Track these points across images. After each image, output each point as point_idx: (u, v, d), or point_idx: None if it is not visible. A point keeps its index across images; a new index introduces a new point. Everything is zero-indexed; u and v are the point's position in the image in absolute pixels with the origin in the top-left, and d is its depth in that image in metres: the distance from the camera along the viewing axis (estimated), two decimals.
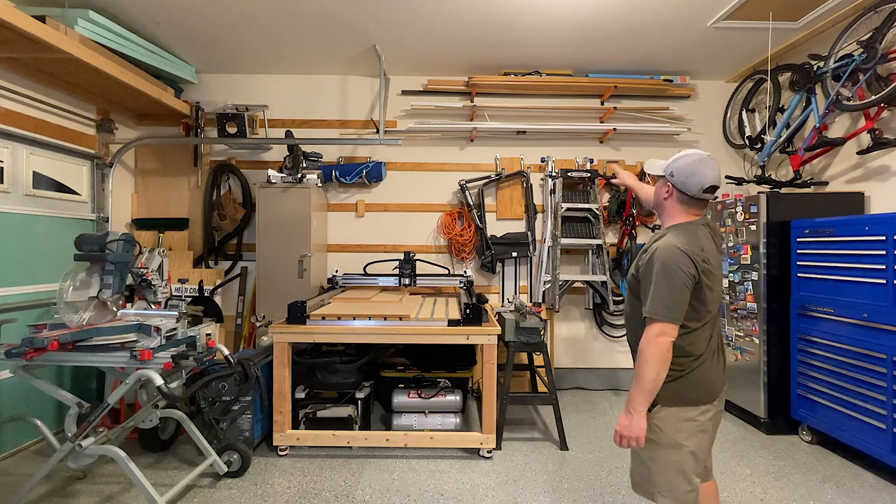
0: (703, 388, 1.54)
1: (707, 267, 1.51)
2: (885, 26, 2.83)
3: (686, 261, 1.47)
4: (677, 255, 1.47)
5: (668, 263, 1.47)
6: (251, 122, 4.07)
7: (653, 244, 1.58)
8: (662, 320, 1.45)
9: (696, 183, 1.54)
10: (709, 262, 1.52)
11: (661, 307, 1.46)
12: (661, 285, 1.47)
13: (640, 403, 1.48)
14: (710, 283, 1.52)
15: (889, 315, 2.51)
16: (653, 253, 1.53)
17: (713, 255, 1.56)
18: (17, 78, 2.96)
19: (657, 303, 1.46)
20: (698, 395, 1.54)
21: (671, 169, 1.59)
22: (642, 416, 1.48)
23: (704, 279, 1.50)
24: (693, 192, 1.56)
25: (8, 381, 2.82)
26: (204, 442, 2.54)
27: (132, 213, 4.08)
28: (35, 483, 2.16)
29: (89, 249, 2.32)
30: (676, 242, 1.51)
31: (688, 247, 1.49)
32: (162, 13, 3.13)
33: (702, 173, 1.54)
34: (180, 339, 2.26)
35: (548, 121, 4.17)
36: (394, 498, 2.42)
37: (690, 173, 1.55)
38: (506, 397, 3.01)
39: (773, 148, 3.67)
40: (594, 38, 3.47)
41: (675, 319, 1.45)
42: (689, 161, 1.56)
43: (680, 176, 1.57)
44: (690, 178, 1.55)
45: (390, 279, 3.97)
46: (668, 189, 1.62)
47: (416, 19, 3.21)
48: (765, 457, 2.88)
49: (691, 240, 1.52)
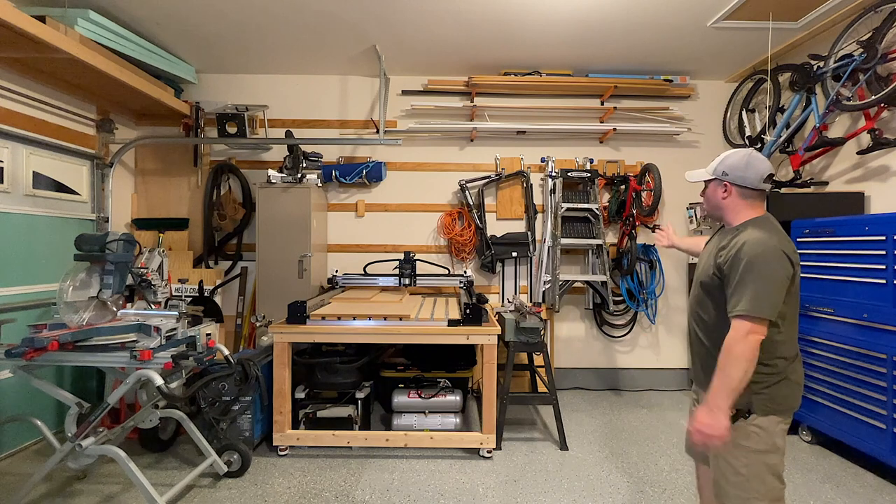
0: (798, 391, 1.51)
1: (797, 260, 1.47)
2: (885, 26, 2.83)
3: (780, 255, 1.43)
4: (771, 251, 1.42)
5: (761, 259, 1.42)
6: (251, 122, 4.07)
7: (732, 240, 1.51)
8: (755, 317, 1.39)
9: (754, 174, 1.53)
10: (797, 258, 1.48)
11: (753, 304, 1.39)
12: (755, 281, 1.40)
13: (724, 401, 1.41)
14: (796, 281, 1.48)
15: (889, 315, 2.51)
16: (740, 247, 1.45)
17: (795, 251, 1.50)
18: (17, 78, 2.96)
19: (750, 299, 1.40)
20: (794, 401, 1.50)
21: (722, 168, 1.58)
22: (726, 414, 1.41)
23: (797, 275, 1.47)
24: (754, 184, 1.53)
25: (8, 381, 2.82)
26: (204, 442, 2.53)
27: (132, 213, 4.08)
28: (35, 483, 2.16)
29: (89, 249, 2.32)
30: (765, 237, 1.45)
31: (779, 242, 1.45)
32: (162, 13, 3.13)
33: (756, 164, 1.53)
34: (180, 339, 2.26)
35: (548, 121, 4.17)
36: (394, 498, 2.42)
37: (746, 166, 1.54)
38: (506, 397, 3.02)
39: (773, 148, 3.67)
40: (594, 38, 3.47)
41: (768, 317, 1.39)
42: (739, 157, 1.56)
43: (736, 171, 1.55)
44: (748, 171, 1.53)
45: (390, 279, 3.97)
46: (726, 188, 1.59)
47: (416, 19, 3.21)
48: None
49: (779, 235, 1.48)
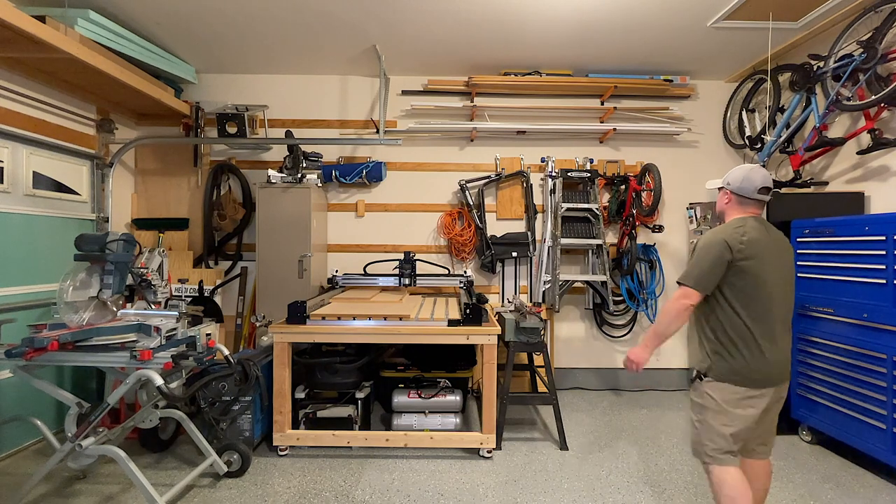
0: (745, 373, 1.78)
1: (744, 249, 1.78)
2: (885, 26, 2.83)
3: (719, 242, 1.81)
4: (713, 239, 1.83)
5: (703, 244, 1.86)
6: (251, 122, 4.07)
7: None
8: (683, 284, 1.85)
9: (749, 185, 1.88)
10: (750, 247, 1.78)
11: (685, 274, 1.86)
12: (693, 260, 1.87)
13: (650, 342, 1.94)
14: (758, 268, 1.78)
15: (889, 315, 2.51)
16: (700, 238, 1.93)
17: (758, 243, 1.80)
18: (17, 78, 2.96)
19: (685, 271, 1.88)
20: (741, 380, 1.79)
21: (727, 180, 1.96)
22: (648, 350, 1.94)
23: (745, 262, 1.78)
24: (748, 194, 1.89)
25: (8, 381, 2.82)
26: (204, 442, 2.53)
27: (132, 213, 4.08)
28: (35, 483, 2.16)
29: (89, 249, 2.32)
30: (718, 230, 1.87)
31: (724, 232, 1.83)
32: (162, 13, 3.13)
33: (753, 177, 1.88)
34: (180, 339, 2.26)
35: (548, 121, 4.17)
36: (394, 498, 2.42)
37: (743, 178, 1.89)
38: (506, 397, 3.02)
39: (773, 148, 3.67)
40: (594, 38, 3.47)
41: (693, 287, 1.82)
42: (740, 170, 1.92)
43: (735, 182, 1.91)
44: (745, 183, 1.89)
45: (390, 279, 3.97)
46: (727, 196, 1.96)
47: (416, 19, 3.21)
48: None
49: (732, 229, 1.84)
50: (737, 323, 1.79)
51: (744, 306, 1.78)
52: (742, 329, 1.78)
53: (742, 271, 1.78)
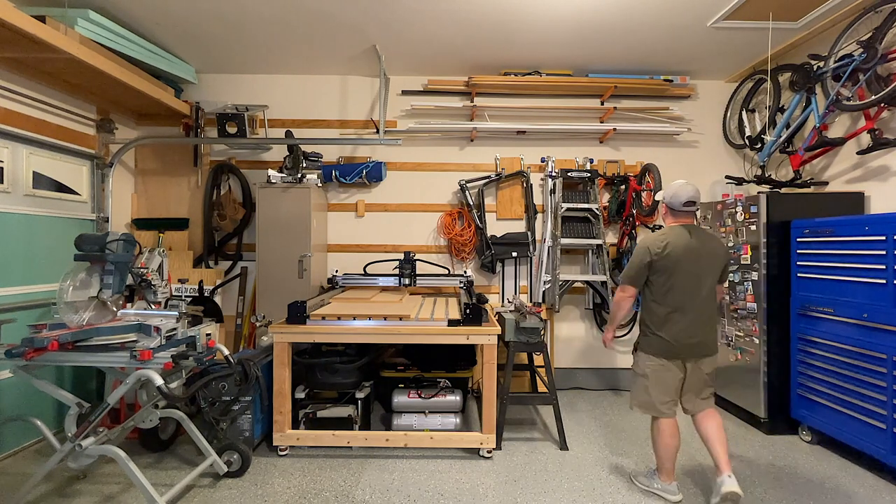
0: (659, 347, 2.34)
1: (660, 252, 2.29)
2: (885, 26, 2.83)
3: (643, 247, 2.36)
4: (640, 246, 2.39)
5: (635, 249, 2.41)
6: (251, 122, 4.07)
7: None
8: (624, 283, 2.43)
9: (677, 200, 2.37)
10: (666, 250, 2.28)
11: (624, 275, 2.43)
12: (628, 263, 2.43)
13: (609, 326, 2.58)
14: (672, 268, 2.29)
15: (889, 315, 2.51)
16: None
17: (675, 247, 2.29)
18: (17, 78, 2.96)
19: (624, 272, 2.44)
20: (656, 352, 2.35)
21: (663, 195, 2.43)
22: (610, 332, 2.58)
23: (661, 262, 2.30)
24: (677, 206, 2.38)
25: (8, 381, 2.82)
26: (204, 442, 2.53)
27: (132, 213, 4.08)
28: (35, 483, 2.16)
29: (89, 249, 2.32)
30: (648, 238, 2.38)
31: (649, 239, 2.36)
32: (161, 13, 3.13)
33: (680, 193, 2.35)
34: (180, 339, 2.26)
35: (548, 121, 4.17)
36: (394, 498, 2.42)
37: (672, 195, 2.38)
38: (506, 397, 3.02)
39: (773, 148, 3.68)
40: (594, 38, 3.47)
41: (630, 283, 2.40)
42: (672, 188, 2.40)
43: (667, 198, 2.40)
44: (674, 199, 2.38)
45: (390, 279, 3.97)
46: (664, 208, 2.46)
47: (416, 19, 3.21)
48: (765, 457, 2.88)
49: (658, 236, 2.36)
50: (653, 309, 2.35)
51: (658, 297, 2.34)
52: (656, 314, 2.34)
53: (658, 270, 2.31)
